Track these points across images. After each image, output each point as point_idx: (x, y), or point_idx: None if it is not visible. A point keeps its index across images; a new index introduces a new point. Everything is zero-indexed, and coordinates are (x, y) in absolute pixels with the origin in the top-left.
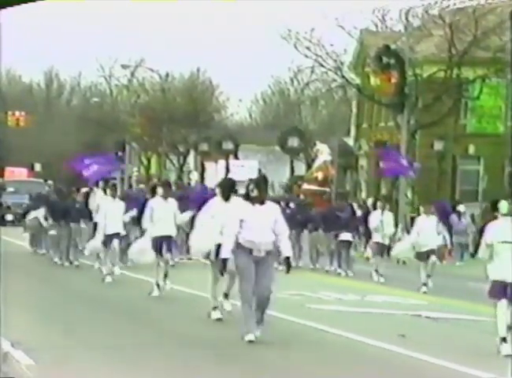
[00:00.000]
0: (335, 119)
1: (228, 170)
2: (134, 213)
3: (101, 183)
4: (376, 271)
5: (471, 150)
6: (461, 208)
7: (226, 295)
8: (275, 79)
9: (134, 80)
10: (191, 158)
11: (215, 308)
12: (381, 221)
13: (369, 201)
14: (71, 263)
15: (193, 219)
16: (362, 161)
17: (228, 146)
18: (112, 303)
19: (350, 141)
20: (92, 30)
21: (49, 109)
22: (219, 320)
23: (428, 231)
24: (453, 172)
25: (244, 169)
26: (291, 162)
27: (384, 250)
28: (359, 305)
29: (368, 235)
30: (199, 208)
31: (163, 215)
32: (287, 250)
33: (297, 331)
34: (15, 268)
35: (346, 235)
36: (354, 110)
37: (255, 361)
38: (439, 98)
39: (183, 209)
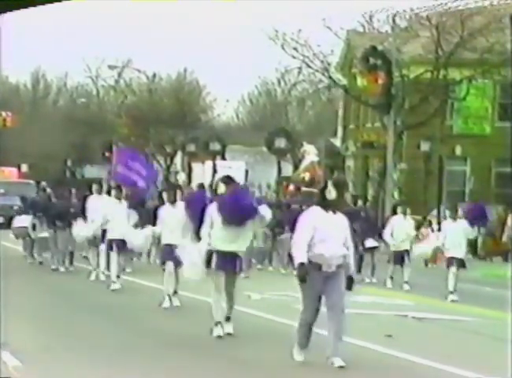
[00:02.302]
0: (322, 120)
1: (215, 171)
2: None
3: (95, 186)
4: (392, 278)
5: (458, 150)
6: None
7: (228, 318)
8: (262, 79)
9: (121, 81)
10: (178, 159)
11: (217, 323)
12: (402, 227)
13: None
14: (66, 269)
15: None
16: (349, 162)
17: (215, 146)
18: (104, 306)
19: (337, 142)
20: (79, 30)
21: (35, 110)
22: (219, 337)
23: (453, 237)
24: (440, 172)
25: (231, 170)
26: (278, 163)
27: (405, 257)
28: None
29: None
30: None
31: (170, 222)
32: (352, 268)
33: (283, 331)
34: (5, 271)
35: (371, 242)
36: (341, 111)
37: (243, 361)
38: (426, 99)
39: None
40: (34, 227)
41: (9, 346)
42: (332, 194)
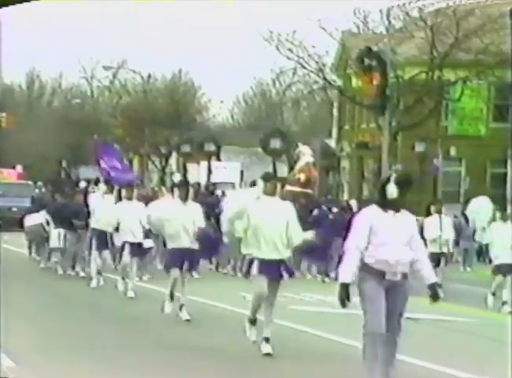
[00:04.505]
0: (317, 120)
1: (210, 172)
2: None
3: (102, 185)
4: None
5: (452, 151)
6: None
7: (267, 340)
8: (257, 80)
9: (116, 81)
10: (173, 160)
11: (252, 322)
12: (440, 228)
13: (353, 203)
14: (77, 273)
15: None
16: (344, 163)
17: (210, 147)
18: (103, 309)
19: (332, 142)
20: (74, 31)
21: (30, 111)
22: (254, 342)
23: (502, 240)
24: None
25: (227, 171)
26: (274, 164)
27: (443, 259)
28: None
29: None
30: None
31: (178, 222)
32: (431, 274)
33: (279, 332)
34: (5, 274)
35: None
36: (336, 112)
37: (238, 362)
38: (421, 100)
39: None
40: (47, 223)
41: (4, 348)
42: (393, 191)
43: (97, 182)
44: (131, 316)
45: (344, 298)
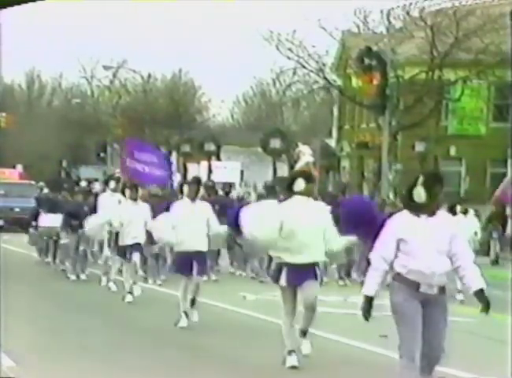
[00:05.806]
0: (317, 120)
1: (210, 171)
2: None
3: (112, 183)
4: (461, 291)
5: (452, 151)
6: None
7: (304, 333)
8: (257, 80)
9: (116, 81)
10: (173, 159)
11: (290, 352)
12: (466, 229)
13: None
14: (77, 277)
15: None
16: (344, 163)
17: (210, 147)
18: (103, 309)
19: (332, 142)
20: (74, 31)
21: (30, 110)
22: (294, 367)
23: None
24: None
25: (227, 171)
26: (274, 164)
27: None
28: (341, 306)
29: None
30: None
31: (189, 223)
32: (476, 280)
33: (279, 332)
34: (7, 275)
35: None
36: (336, 112)
37: (237, 362)
38: (421, 100)
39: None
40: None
41: (4, 348)
42: (422, 196)
43: (107, 181)
44: (130, 317)
45: (367, 311)
